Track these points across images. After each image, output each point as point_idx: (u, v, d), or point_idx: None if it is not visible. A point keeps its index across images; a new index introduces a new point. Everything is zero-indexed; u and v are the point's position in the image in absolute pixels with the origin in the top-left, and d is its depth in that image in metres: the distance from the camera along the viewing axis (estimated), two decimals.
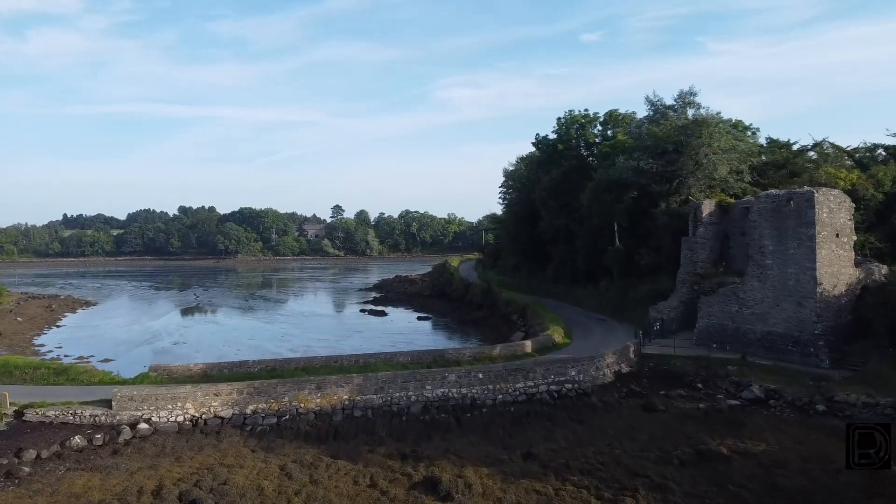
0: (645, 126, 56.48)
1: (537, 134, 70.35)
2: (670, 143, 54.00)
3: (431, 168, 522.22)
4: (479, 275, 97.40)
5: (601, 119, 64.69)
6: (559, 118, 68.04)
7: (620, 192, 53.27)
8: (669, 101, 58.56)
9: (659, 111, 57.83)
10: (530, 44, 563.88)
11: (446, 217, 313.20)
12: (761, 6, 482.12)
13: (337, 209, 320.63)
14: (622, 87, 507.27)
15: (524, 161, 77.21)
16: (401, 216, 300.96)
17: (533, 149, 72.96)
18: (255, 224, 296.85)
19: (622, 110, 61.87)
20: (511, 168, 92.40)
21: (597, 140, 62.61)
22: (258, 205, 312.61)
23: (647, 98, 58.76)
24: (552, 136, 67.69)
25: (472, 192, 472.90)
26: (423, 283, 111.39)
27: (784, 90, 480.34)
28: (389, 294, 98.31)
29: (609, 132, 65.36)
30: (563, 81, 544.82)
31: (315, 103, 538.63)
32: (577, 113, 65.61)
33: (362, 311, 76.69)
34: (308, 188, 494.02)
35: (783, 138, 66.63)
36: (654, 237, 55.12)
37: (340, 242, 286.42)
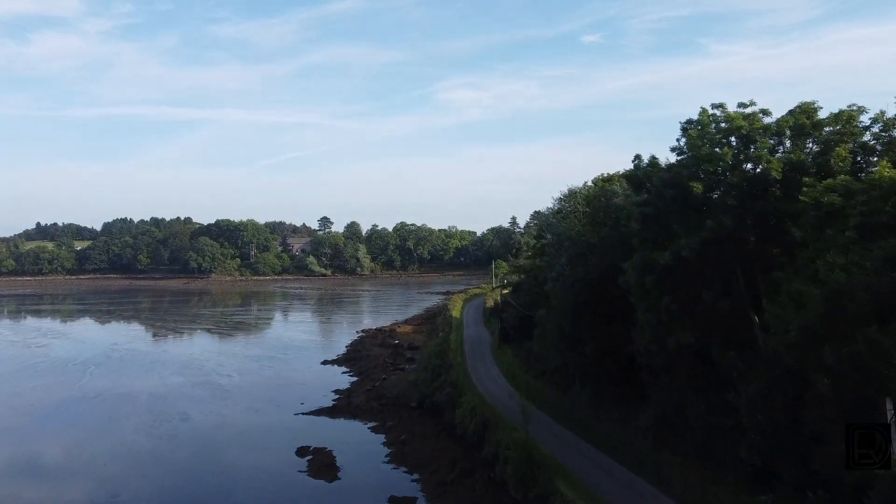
0: None
1: (637, 158, 35.08)
2: None
3: (431, 171, 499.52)
4: (497, 356, 66.98)
5: (795, 123, 29.27)
6: (689, 123, 31.29)
7: None
8: None
9: None
10: (531, 45, 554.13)
11: (446, 229, 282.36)
12: (762, 7, 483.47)
13: (325, 221, 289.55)
14: (623, 89, 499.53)
15: (588, 201, 44.60)
16: (395, 229, 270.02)
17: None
18: (234, 238, 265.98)
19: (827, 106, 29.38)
20: (553, 209, 59.89)
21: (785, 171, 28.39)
22: (249, 212, 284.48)
23: None
24: (669, 157, 33.37)
25: (474, 199, 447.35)
26: (410, 360, 79.76)
27: (785, 92, 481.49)
28: (357, 391, 65.90)
29: (810, 151, 28.74)
30: (563, 83, 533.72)
31: (317, 105, 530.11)
32: (736, 111, 30.17)
33: (300, 455, 45.01)
34: (304, 193, 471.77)
35: None
36: None
37: (328, 259, 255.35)
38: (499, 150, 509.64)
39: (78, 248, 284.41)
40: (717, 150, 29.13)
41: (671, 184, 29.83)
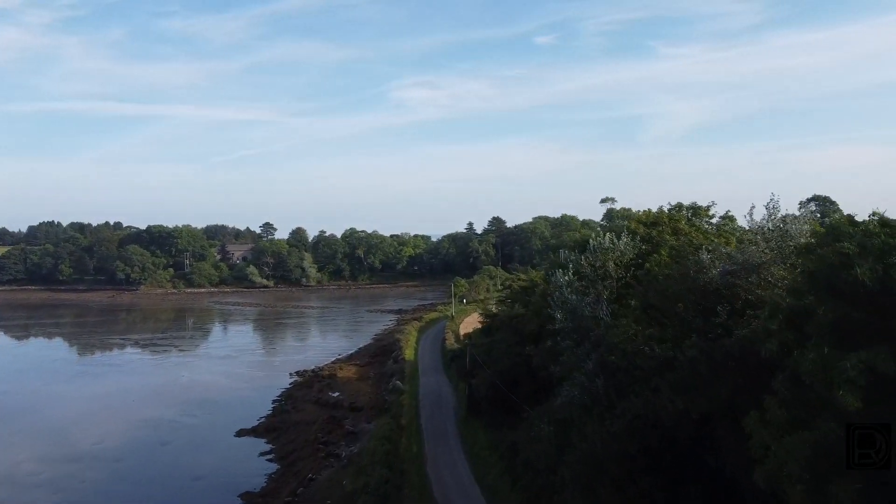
0: None
1: None
2: None
3: (385, 171, 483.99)
4: (465, 436, 50.13)
5: None
6: None
7: None
8: None
9: None
10: (486, 45, 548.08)
11: (399, 236, 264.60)
12: (710, 12, 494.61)
13: (267, 227, 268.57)
14: (577, 90, 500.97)
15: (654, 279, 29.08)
16: (344, 236, 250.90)
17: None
18: (167, 245, 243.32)
19: None
20: (564, 262, 42.38)
21: None
22: (188, 216, 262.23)
23: None
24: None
25: (429, 201, 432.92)
26: (350, 437, 61.08)
27: (733, 94, 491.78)
28: (273, 500, 47.26)
29: None
30: (518, 83, 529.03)
31: (269, 103, 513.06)
32: None
33: None
34: (251, 194, 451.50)
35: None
36: None
37: (270, 269, 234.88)
38: (455, 150, 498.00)
39: None
40: None
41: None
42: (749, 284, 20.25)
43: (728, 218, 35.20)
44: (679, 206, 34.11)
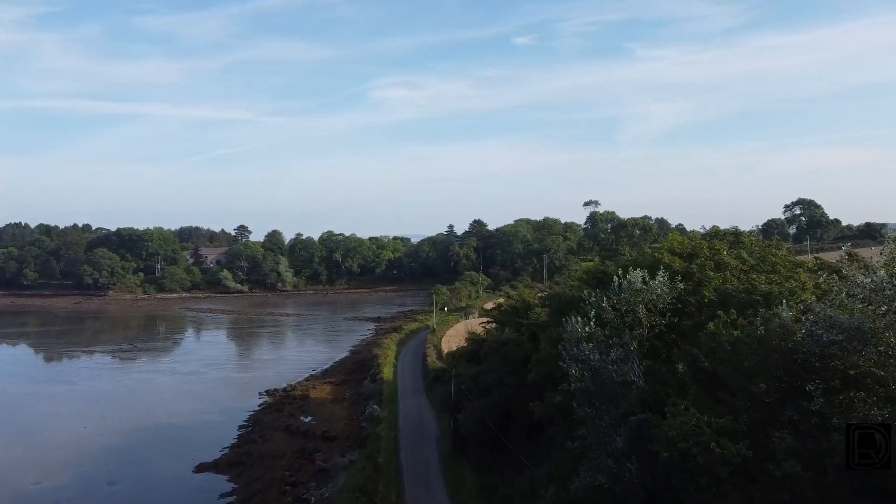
0: None
1: None
2: None
3: (364, 171, 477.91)
4: (450, 478, 44.51)
5: None
6: None
7: None
8: None
9: None
10: (465, 46, 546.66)
11: (378, 238, 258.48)
12: (686, 15, 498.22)
13: (242, 230, 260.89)
14: (556, 91, 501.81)
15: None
16: (321, 240, 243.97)
17: None
18: (138, 249, 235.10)
19: None
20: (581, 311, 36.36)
21: None
22: (161, 217, 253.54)
23: None
24: None
25: (408, 201, 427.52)
26: (321, 475, 55.33)
27: (710, 96, 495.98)
28: None
29: None
30: (498, 83, 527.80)
31: (247, 102, 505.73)
32: None
33: None
34: (227, 195, 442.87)
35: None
36: None
37: (244, 274, 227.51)
38: (435, 151, 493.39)
39: None
40: None
41: None
42: (856, 357, 14.90)
43: (773, 244, 29.31)
44: (716, 232, 28.61)
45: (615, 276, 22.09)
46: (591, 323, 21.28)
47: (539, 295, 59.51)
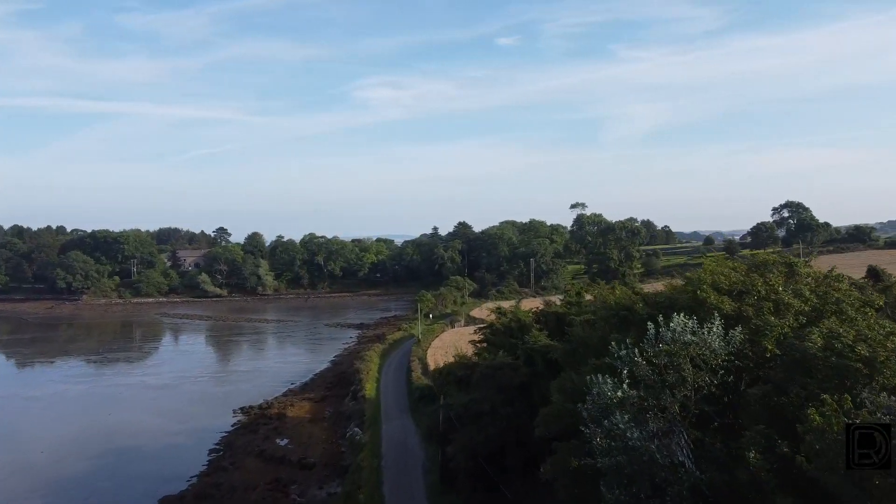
0: None
1: None
2: None
3: (347, 171, 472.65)
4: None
5: None
6: None
7: None
8: None
9: None
10: (449, 46, 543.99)
11: (362, 240, 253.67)
12: (669, 16, 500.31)
13: (221, 232, 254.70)
14: (540, 91, 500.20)
15: None
16: (303, 242, 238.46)
17: None
18: (113, 252, 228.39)
19: None
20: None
21: None
22: (140, 218, 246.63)
23: None
24: None
25: (392, 201, 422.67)
26: None
27: (692, 97, 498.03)
28: None
29: None
30: (482, 84, 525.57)
31: (230, 101, 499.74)
32: None
33: None
34: (208, 195, 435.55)
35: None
36: None
37: (223, 277, 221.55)
38: (419, 151, 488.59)
39: None
40: None
41: None
42: None
43: (832, 276, 24.31)
44: (764, 260, 24.00)
45: (651, 322, 17.71)
46: (624, 386, 16.81)
47: (534, 310, 55.17)
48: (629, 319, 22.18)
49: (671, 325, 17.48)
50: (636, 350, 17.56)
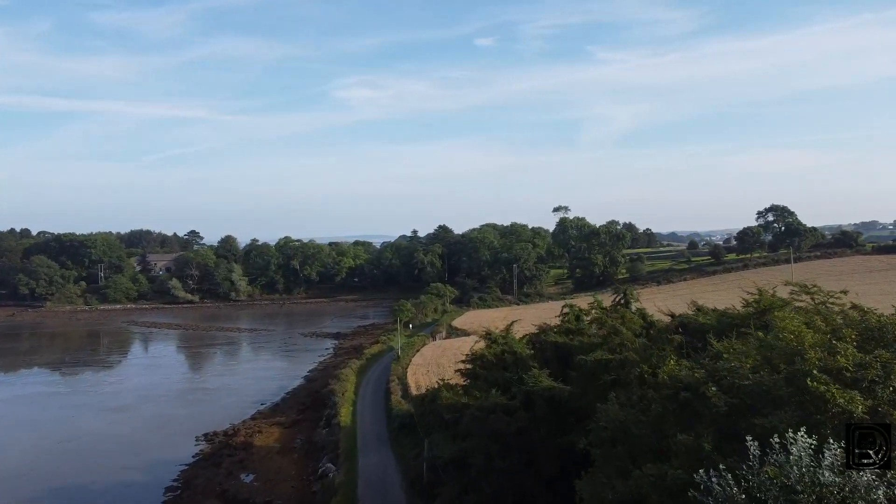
0: None
1: None
2: None
3: (324, 171, 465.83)
4: None
5: None
6: None
7: None
8: None
9: None
10: (428, 46, 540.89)
11: (339, 244, 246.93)
12: (646, 19, 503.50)
13: (193, 235, 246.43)
14: (518, 92, 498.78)
15: None
16: (278, 246, 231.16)
17: None
18: (79, 256, 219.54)
19: None
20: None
21: None
22: (107, 221, 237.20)
23: None
24: None
25: (369, 202, 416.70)
26: None
27: (669, 99, 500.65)
28: None
29: None
30: (460, 84, 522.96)
31: (206, 100, 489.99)
32: None
33: None
34: (180, 197, 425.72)
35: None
36: None
37: (195, 282, 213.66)
38: (397, 151, 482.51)
39: None
40: None
41: None
42: None
43: (859, 309, 19.85)
44: (800, 287, 18.49)
45: (749, 435, 11.91)
46: None
47: (528, 336, 49.36)
48: (697, 410, 16.04)
49: (791, 446, 11.63)
50: (730, 477, 11.62)
